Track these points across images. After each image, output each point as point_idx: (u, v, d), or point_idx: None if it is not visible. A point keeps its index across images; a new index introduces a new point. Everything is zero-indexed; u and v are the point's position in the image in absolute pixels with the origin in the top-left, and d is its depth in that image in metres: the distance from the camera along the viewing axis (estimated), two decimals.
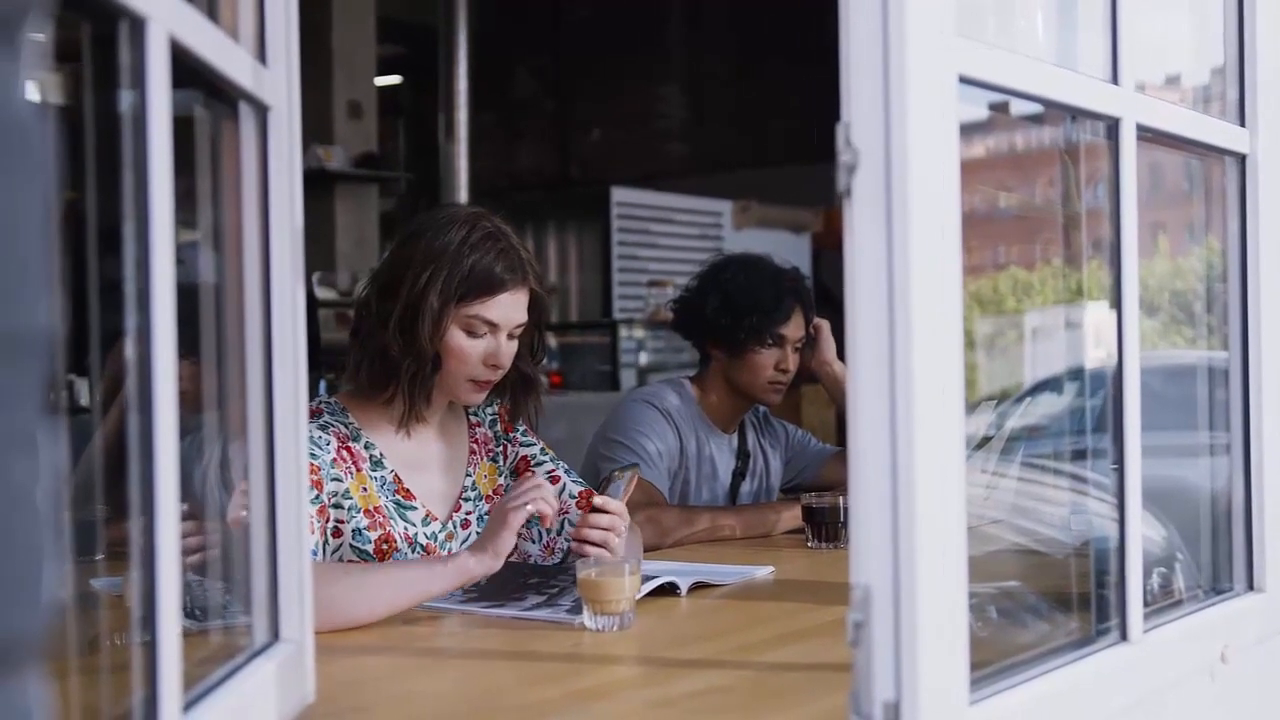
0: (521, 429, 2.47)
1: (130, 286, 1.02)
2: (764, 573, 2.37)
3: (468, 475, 2.37)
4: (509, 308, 2.24)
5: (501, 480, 2.41)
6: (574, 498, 2.38)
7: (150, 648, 1.02)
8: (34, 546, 0.58)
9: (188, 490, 1.11)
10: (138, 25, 1.00)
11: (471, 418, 2.43)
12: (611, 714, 1.53)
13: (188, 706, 1.10)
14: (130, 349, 1.03)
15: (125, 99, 1.03)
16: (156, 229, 1.02)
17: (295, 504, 1.40)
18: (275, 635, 1.39)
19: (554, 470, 2.43)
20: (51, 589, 0.60)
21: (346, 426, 2.23)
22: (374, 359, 2.22)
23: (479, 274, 2.19)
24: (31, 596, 0.58)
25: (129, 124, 1.02)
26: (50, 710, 0.62)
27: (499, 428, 2.45)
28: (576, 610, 1.91)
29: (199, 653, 1.32)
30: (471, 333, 2.22)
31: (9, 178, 0.56)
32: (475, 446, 2.40)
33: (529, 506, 2.00)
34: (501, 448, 2.44)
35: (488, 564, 1.97)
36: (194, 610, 1.40)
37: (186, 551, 1.60)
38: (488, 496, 2.38)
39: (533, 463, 2.44)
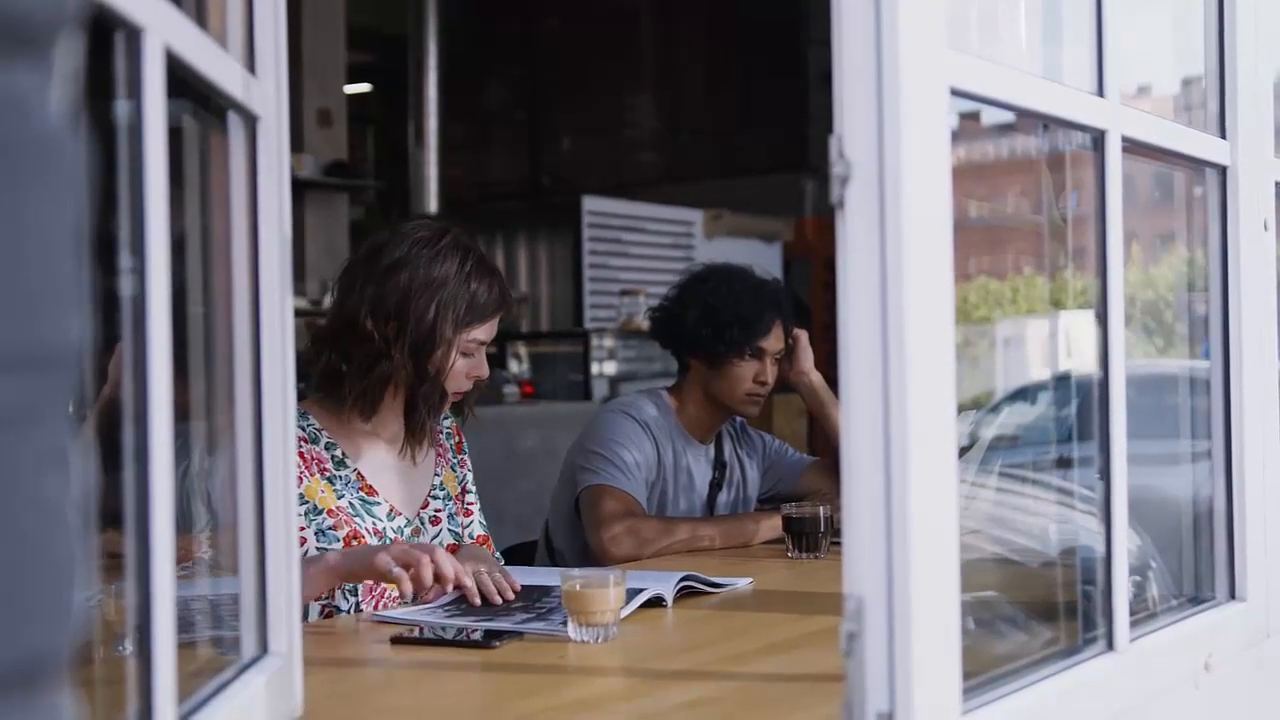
0: (464, 454, 2.56)
1: (125, 295, 1.01)
2: (744, 584, 2.37)
3: (436, 475, 2.46)
4: (495, 325, 2.37)
5: (460, 487, 2.51)
6: (473, 538, 2.46)
7: (145, 661, 1.01)
8: (65, 562, 0.58)
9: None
10: (134, 35, 0.99)
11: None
12: None
13: None
14: (125, 360, 1.02)
15: (120, 108, 1.02)
16: (152, 239, 1.01)
17: (283, 517, 1.39)
18: (264, 649, 1.38)
19: (473, 504, 2.53)
20: (80, 604, 0.59)
21: (304, 429, 2.25)
22: (378, 385, 2.29)
23: (480, 301, 2.31)
24: (63, 612, 0.57)
25: (124, 133, 1.02)
26: None
27: (453, 441, 2.54)
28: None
29: (186, 666, 1.31)
30: (466, 354, 2.32)
31: (42, 192, 0.55)
32: (441, 450, 2.49)
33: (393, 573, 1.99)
34: (459, 460, 2.54)
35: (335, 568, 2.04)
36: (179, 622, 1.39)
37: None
38: (456, 497, 2.48)
39: (466, 491, 2.54)
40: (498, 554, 2.53)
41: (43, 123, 0.57)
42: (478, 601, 2.07)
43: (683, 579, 2.21)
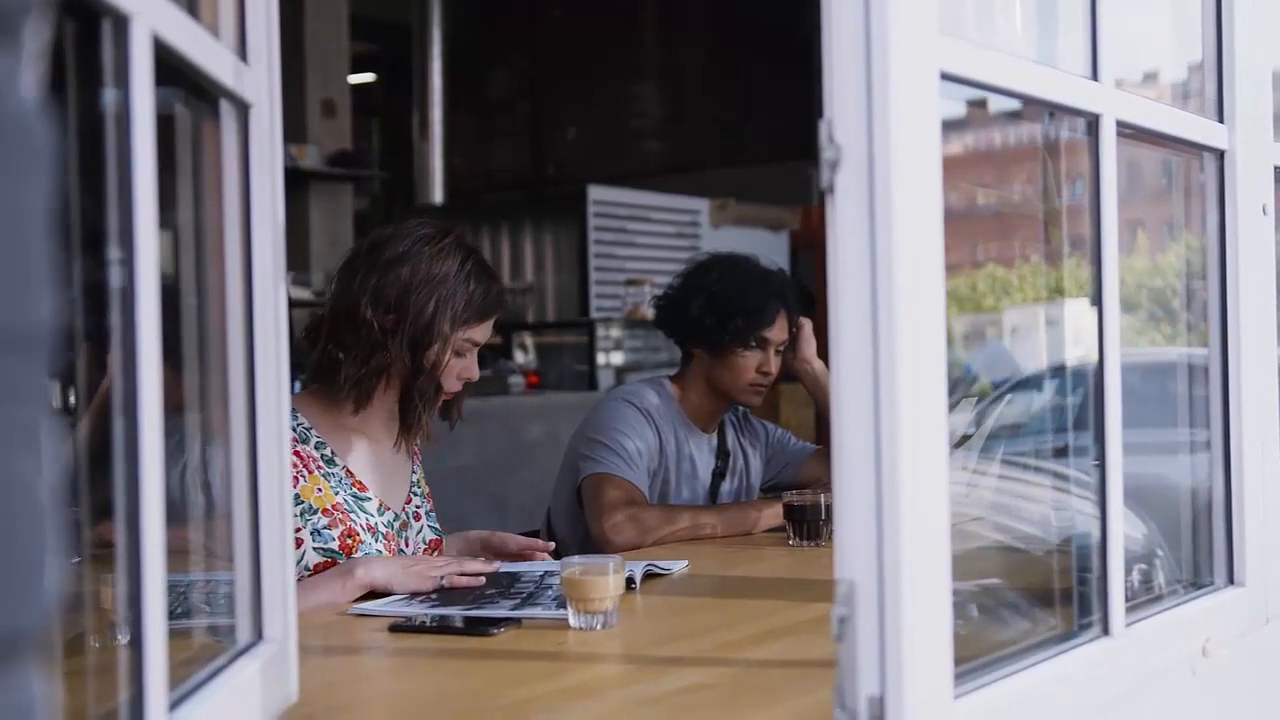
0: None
1: (113, 286, 1.02)
2: (680, 566, 2.39)
3: (414, 473, 2.50)
4: (490, 328, 2.40)
5: (427, 488, 2.56)
6: (425, 543, 2.47)
7: (136, 648, 1.01)
8: (37, 541, 0.58)
9: (167, 491, 1.11)
10: (121, 23, 0.99)
11: None
12: (598, 712, 1.53)
13: (173, 706, 1.10)
14: (114, 351, 1.02)
15: (108, 97, 1.02)
16: (140, 229, 1.01)
17: (278, 504, 1.40)
18: (259, 635, 1.38)
19: (429, 508, 2.55)
20: (54, 584, 0.60)
21: (294, 429, 2.27)
22: (373, 375, 2.31)
23: (477, 302, 2.34)
24: (35, 591, 0.58)
25: (111, 122, 1.02)
26: (52, 704, 0.62)
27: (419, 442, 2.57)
28: (563, 604, 1.91)
29: (181, 653, 1.32)
30: (458, 353, 2.34)
31: (12, 175, 0.56)
32: (416, 450, 2.52)
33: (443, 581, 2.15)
34: (419, 462, 2.57)
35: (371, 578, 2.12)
36: (174, 610, 1.39)
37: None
38: (428, 495, 2.52)
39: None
40: None
41: (12, 105, 0.57)
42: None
43: (646, 572, 2.25)
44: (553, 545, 2.51)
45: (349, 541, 2.26)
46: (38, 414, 0.59)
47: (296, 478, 2.23)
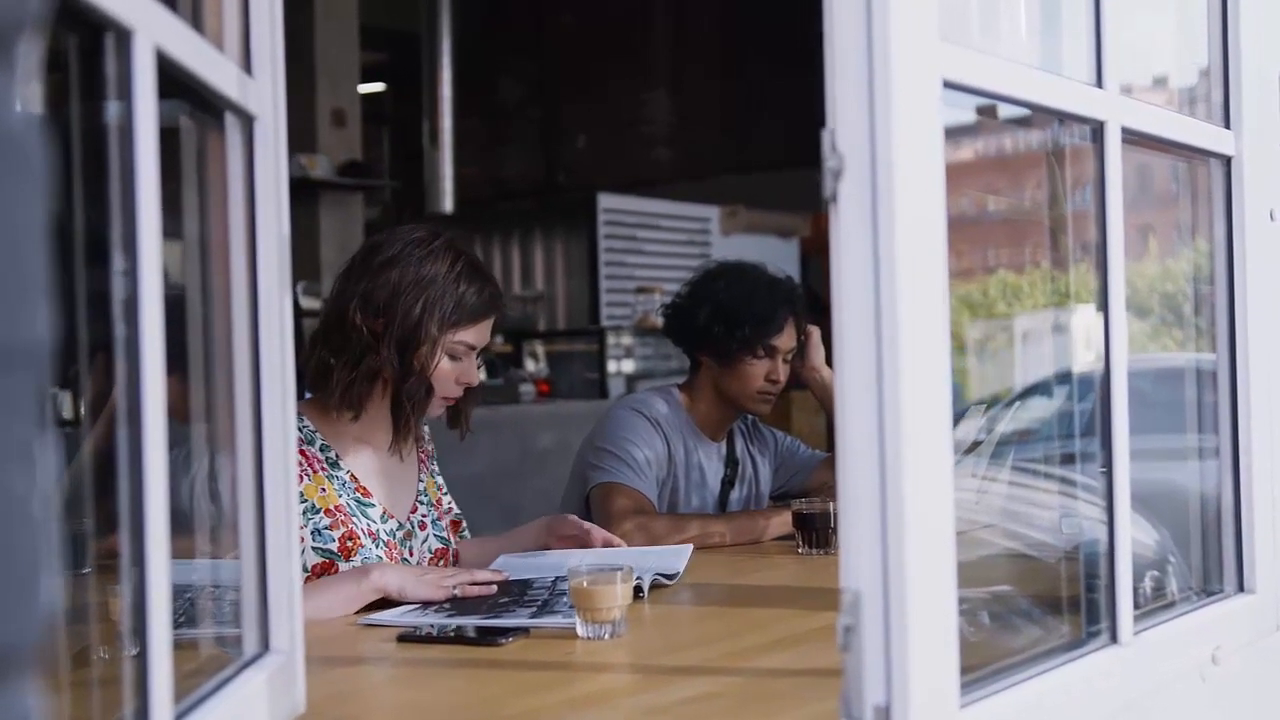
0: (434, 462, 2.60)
1: (117, 298, 1.02)
2: (686, 552, 2.42)
3: (420, 481, 2.49)
4: (487, 332, 2.39)
5: (441, 494, 2.55)
6: (430, 553, 2.48)
7: (141, 660, 1.01)
8: (32, 556, 0.58)
9: (175, 503, 1.11)
10: (124, 37, 1.00)
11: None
12: None
13: (178, 717, 1.10)
14: (118, 361, 1.02)
15: (111, 110, 1.02)
16: (144, 240, 1.02)
17: (284, 515, 1.40)
18: (265, 646, 1.38)
19: (451, 504, 2.58)
20: (49, 598, 0.60)
21: (300, 431, 2.28)
22: (364, 380, 2.31)
23: (468, 304, 2.33)
24: (29, 606, 0.58)
25: (115, 134, 1.02)
26: (49, 717, 0.62)
27: (431, 447, 2.59)
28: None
29: (187, 664, 1.32)
30: (453, 356, 2.35)
31: (6, 190, 0.56)
32: (423, 457, 2.53)
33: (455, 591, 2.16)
34: (434, 466, 2.58)
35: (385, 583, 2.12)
36: (180, 619, 1.40)
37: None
38: (436, 503, 2.52)
39: (442, 493, 2.59)
40: (464, 532, 2.61)
41: (6, 120, 0.57)
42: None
43: (653, 582, 2.24)
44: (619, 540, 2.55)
45: (349, 544, 2.27)
46: (34, 429, 0.59)
47: (300, 476, 2.24)
